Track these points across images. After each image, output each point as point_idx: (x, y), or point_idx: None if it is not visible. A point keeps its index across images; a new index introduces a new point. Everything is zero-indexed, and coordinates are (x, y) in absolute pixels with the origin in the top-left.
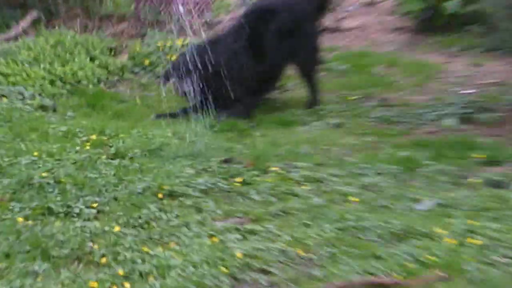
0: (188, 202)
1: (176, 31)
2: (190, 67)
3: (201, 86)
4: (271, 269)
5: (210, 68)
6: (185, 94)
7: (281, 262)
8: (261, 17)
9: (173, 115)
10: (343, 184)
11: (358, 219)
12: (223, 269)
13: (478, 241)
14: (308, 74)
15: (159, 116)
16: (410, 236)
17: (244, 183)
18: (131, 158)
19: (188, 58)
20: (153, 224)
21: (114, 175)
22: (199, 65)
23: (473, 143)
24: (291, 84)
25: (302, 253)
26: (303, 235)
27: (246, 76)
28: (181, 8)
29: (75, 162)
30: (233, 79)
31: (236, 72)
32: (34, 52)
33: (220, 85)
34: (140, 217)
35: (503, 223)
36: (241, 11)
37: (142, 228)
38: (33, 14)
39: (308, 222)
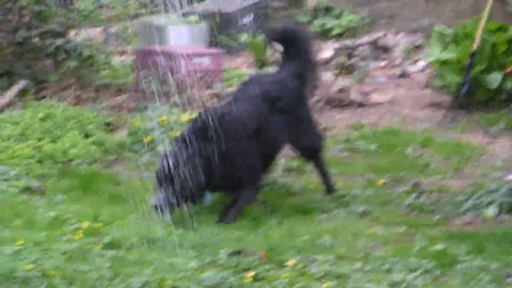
0: None
1: (182, 103)
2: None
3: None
4: None
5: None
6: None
7: None
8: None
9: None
10: (369, 281)
11: None
12: None
13: None
14: (312, 158)
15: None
16: None
17: (256, 278)
18: (128, 249)
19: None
20: None
21: (109, 268)
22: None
23: None
24: (310, 166)
25: None
26: None
27: (255, 159)
28: (187, 78)
29: (64, 253)
30: (242, 163)
31: (245, 156)
32: (21, 126)
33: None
34: None
35: None
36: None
37: None
38: (20, 84)
39: None
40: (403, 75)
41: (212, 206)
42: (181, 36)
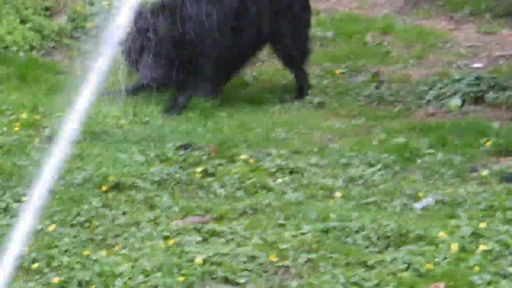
0: (139, 196)
1: None
2: (147, 33)
3: (160, 58)
4: (238, 279)
5: (173, 36)
6: (137, 67)
7: (249, 271)
8: None
9: (122, 92)
10: (326, 176)
11: (343, 219)
12: (180, 278)
13: (487, 246)
14: (296, 62)
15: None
16: (405, 241)
17: (206, 174)
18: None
19: (145, 22)
20: (96, 222)
21: None
22: (158, 32)
23: (484, 128)
24: (264, 54)
25: (275, 260)
26: (276, 238)
27: (220, 50)
28: None
29: (1, 147)
30: (203, 52)
31: (207, 45)
32: None
33: (184, 58)
34: (79, 214)
35: None
36: None
37: (82, 227)
38: None
39: (283, 222)
40: None
41: (160, 97)
42: None
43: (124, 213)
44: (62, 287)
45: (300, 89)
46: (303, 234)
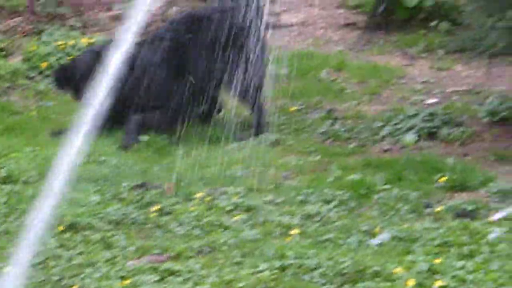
0: (95, 236)
1: (80, 26)
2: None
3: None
4: None
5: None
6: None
7: None
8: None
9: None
10: (282, 213)
11: (300, 256)
12: None
13: (443, 282)
14: (252, 100)
15: (56, 133)
16: (362, 277)
17: (162, 213)
18: (25, 183)
19: (96, 56)
20: (52, 263)
21: (5, 203)
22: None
23: (438, 164)
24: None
25: None
26: (233, 276)
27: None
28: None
29: None
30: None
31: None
32: None
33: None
34: (36, 255)
35: (472, 260)
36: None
37: (39, 267)
38: None
39: (240, 260)
40: None
41: (115, 138)
42: None
43: (80, 253)
44: None
45: (257, 126)
46: (260, 272)
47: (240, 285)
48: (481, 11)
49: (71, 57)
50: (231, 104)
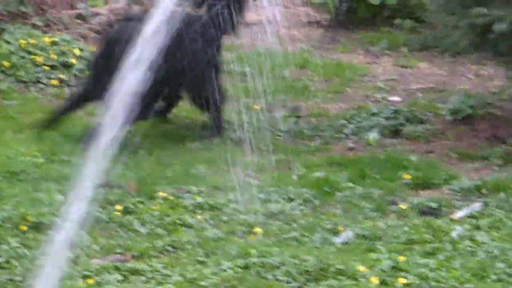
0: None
1: (43, 25)
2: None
3: None
4: None
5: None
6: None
7: None
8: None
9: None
10: (246, 212)
11: (263, 255)
12: None
13: (406, 280)
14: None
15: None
16: (325, 275)
17: (125, 211)
18: None
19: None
20: (15, 262)
21: None
22: None
23: (401, 162)
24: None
25: None
26: (197, 275)
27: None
28: None
29: None
30: None
31: None
32: None
33: None
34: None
35: (435, 258)
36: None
37: (1, 267)
38: None
39: (203, 259)
40: None
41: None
42: None
43: (43, 253)
44: None
45: (216, 127)
46: (223, 270)
47: (204, 284)
48: (444, 9)
49: (33, 56)
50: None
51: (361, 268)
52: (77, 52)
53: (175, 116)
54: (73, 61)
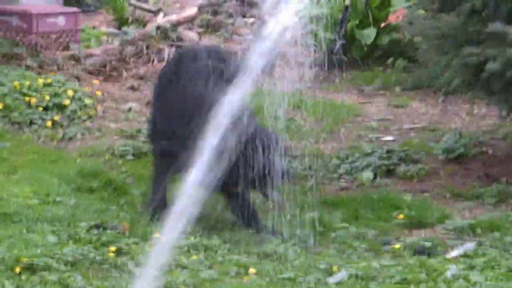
0: (52, 277)
1: (36, 66)
2: None
3: None
4: None
5: None
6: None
7: None
8: None
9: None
10: (239, 252)
11: None
12: None
13: None
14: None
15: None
16: None
17: (119, 253)
18: None
19: None
20: None
21: None
22: None
23: (395, 201)
24: None
25: None
26: None
27: None
28: (41, 39)
29: None
30: None
31: None
32: None
33: None
34: None
35: None
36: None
37: None
38: None
39: None
40: None
41: (69, 177)
42: None
43: None
44: None
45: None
46: None
47: None
48: (437, 48)
49: (28, 98)
50: None
51: None
52: (70, 93)
53: None
54: (67, 102)
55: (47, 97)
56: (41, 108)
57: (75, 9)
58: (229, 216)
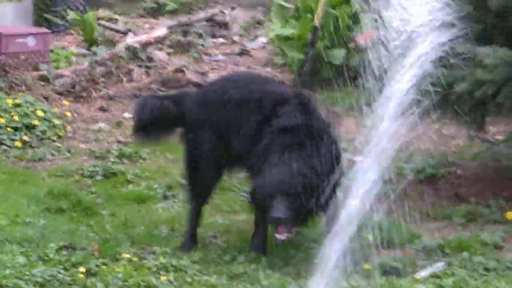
0: None
1: (5, 87)
2: None
3: None
4: None
5: None
6: None
7: None
8: None
9: None
10: (209, 273)
11: None
12: None
13: None
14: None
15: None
16: None
17: (89, 273)
18: None
19: None
20: None
21: None
22: None
23: (365, 221)
24: (146, 152)
25: None
26: None
27: None
28: (10, 59)
29: None
30: None
31: None
32: None
33: None
34: None
35: None
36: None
37: None
38: None
39: None
40: (243, 52)
41: (39, 198)
42: (5, 15)
43: None
44: None
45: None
46: None
47: None
48: None
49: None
50: None
51: None
52: (40, 113)
53: (138, 177)
54: (36, 122)
55: (17, 117)
56: (10, 129)
57: (44, 29)
58: (199, 235)
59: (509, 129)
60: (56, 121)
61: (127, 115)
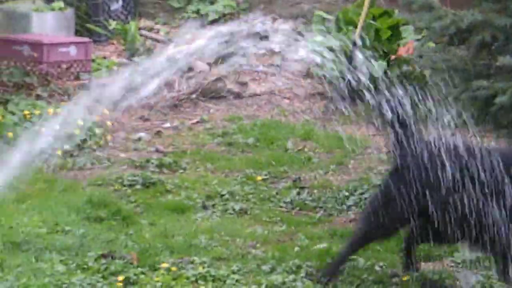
0: None
1: (47, 96)
2: None
3: None
4: None
5: None
6: None
7: None
8: None
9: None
10: (247, 283)
11: None
12: None
13: None
14: None
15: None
16: None
17: (127, 282)
18: None
19: None
20: None
21: None
22: None
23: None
24: (185, 162)
25: None
26: None
27: None
28: (52, 69)
29: None
30: None
31: None
32: None
33: None
34: None
35: None
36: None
37: None
38: None
39: None
40: (283, 63)
41: (78, 206)
42: (46, 23)
43: None
44: None
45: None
46: None
47: None
48: (446, 82)
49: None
50: None
51: None
52: (80, 122)
53: (178, 186)
54: (77, 131)
55: (57, 127)
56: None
57: (86, 39)
58: (238, 245)
59: None
60: (97, 130)
61: (167, 125)
